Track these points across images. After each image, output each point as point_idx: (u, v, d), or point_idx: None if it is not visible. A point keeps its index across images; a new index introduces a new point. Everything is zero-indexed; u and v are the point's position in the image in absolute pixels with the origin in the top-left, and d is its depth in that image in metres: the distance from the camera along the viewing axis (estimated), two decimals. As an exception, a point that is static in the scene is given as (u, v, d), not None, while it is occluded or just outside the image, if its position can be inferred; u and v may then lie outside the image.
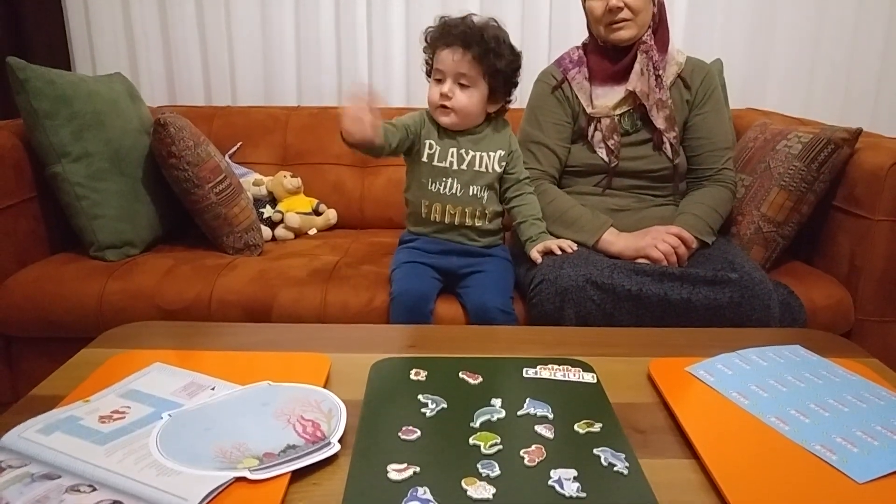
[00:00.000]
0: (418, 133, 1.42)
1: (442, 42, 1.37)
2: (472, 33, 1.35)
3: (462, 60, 1.34)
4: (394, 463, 0.65)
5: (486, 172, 1.43)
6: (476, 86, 1.37)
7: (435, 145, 1.42)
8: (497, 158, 1.43)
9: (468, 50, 1.34)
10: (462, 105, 1.37)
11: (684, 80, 1.49)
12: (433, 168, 1.42)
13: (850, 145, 1.48)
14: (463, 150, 1.42)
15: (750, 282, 1.24)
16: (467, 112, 1.39)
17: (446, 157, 1.41)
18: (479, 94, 1.38)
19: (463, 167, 1.42)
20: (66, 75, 1.59)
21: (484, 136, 1.44)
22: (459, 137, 1.42)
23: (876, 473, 0.67)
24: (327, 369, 0.87)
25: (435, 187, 1.42)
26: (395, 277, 1.39)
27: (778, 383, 0.85)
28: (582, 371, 0.87)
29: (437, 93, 1.38)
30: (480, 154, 1.42)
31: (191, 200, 1.62)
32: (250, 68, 2.27)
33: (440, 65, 1.37)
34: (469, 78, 1.36)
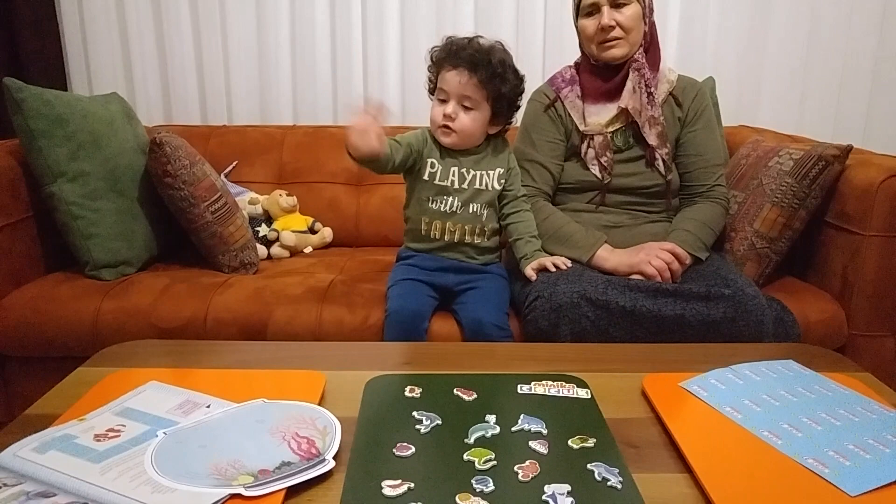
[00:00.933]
0: (420, 151, 1.43)
1: (448, 63, 1.38)
2: (479, 56, 1.36)
3: (468, 83, 1.36)
4: (388, 479, 0.65)
5: (486, 190, 1.44)
6: (479, 108, 1.39)
7: (437, 164, 1.43)
8: (496, 176, 1.45)
9: (474, 73, 1.35)
10: (464, 126, 1.39)
11: (676, 97, 1.51)
12: (434, 186, 1.43)
13: (840, 162, 1.50)
14: (464, 169, 1.43)
15: (743, 297, 1.25)
16: (469, 133, 1.40)
17: (448, 176, 1.43)
18: (481, 116, 1.40)
19: (464, 186, 1.43)
20: (63, 96, 1.60)
21: (484, 155, 1.45)
22: (461, 157, 1.44)
23: (868, 486, 0.67)
24: (322, 387, 0.87)
25: (435, 205, 1.43)
26: (391, 294, 1.40)
27: (771, 398, 0.86)
28: (576, 387, 0.88)
29: (440, 113, 1.39)
30: (481, 173, 1.44)
31: (186, 219, 1.63)
32: (246, 88, 2.29)
33: (445, 85, 1.38)
34: (473, 101, 1.38)
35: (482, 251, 1.48)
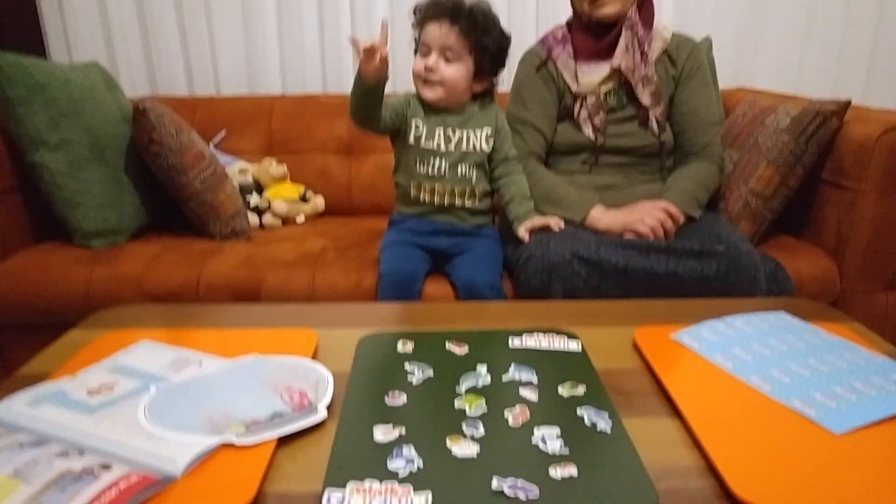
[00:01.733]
0: (404, 114, 1.41)
1: (430, 15, 1.36)
2: (460, 8, 1.35)
3: (449, 33, 1.34)
4: (379, 425, 0.66)
5: (473, 152, 1.43)
6: (462, 60, 1.37)
7: (422, 125, 1.41)
8: (484, 137, 1.43)
9: (455, 23, 1.34)
10: (447, 77, 1.37)
11: (670, 55, 1.49)
12: (420, 149, 1.42)
13: (838, 118, 1.49)
14: (450, 129, 1.42)
15: (737, 253, 1.25)
16: (452, 86, 1.38)
17: (433, 137, 1.41)
18: (464, 68, 1.38)
19: (451, 148, 1.42)
20: (40, 63, 1.57)
21: (470, 115, 1.44)
22: (446, 117, 1.42)
23: (852, 425, 0.68)
24: (314, 344, 0.87)
25: (423, 169, 1.42)
26: (384, 257, 1.39)
27: (761, 346, 0.86)
28: (567, 339, 0.88)
29: (421, 65, 1.37)
30: (467, 133, 1.42)
31: (175, 188, 1.62)
32: (233, 58, 2.25)
33: (426, 38, 1.37)
34: (455, 52, 1.36)
35: (474, 213, 1.47)
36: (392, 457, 0.60)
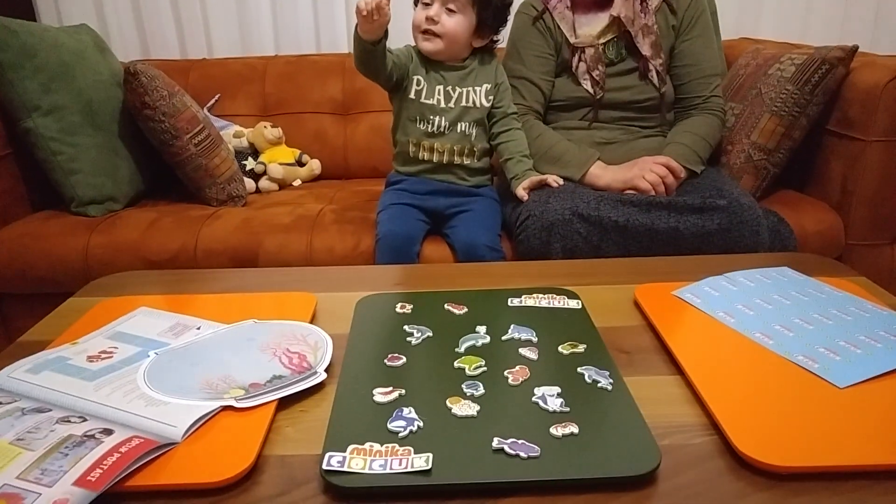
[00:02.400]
0: (406, 67, 1.38)
1: None
2: None
3: None
4: (379, 387, 0.65)
5: (473, 108, 1.40)
6: (464, 12, 1.34)
7: (423, 81, 1.39)
8: (484, 93, 1.40)
9: None
10: (449, 30, 1.33)
11: (670, 4, 1.45)
12: (420, 105, 1.39)
13: (844, 65, 1.45)
14: (450, 87, 1.39)
15: (738, 208, 1.24)
16: (453, 38, 1.35)
17: (433, 94, 1.39)
18: (466, 21, 1.35)
19: (451, 104, 1.39)
20: (29, 25, 1.54)
21: (470, 70, 1.41)
22: (445, 73, 1.39)
23: (856, 378, 0.67)
24: (313, 307, 0.87)
25: (423, 125, 1.40)
26: (381, 219, 1.38)
27: (764, 302, 0.85)
28: (567, 298, 0.87)
29: (422, 16, 1.34)
30: (467, 90, 1.40)
31: (170, 153, 1.60)
32: (224, 18, 2.20)
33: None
34: (459, 3, 1.32)
35: (473, 172, 1.45)
36: (392, 418, 0.60)
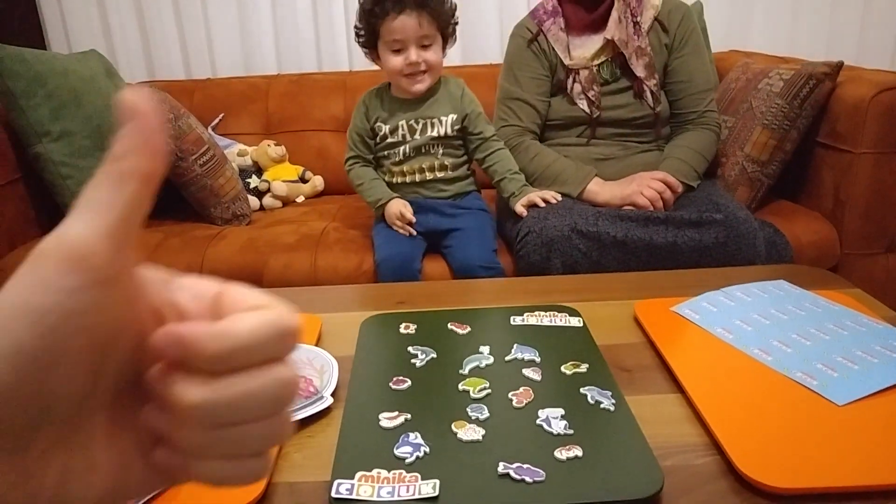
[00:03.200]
0: (370, 128, 1.44)
1: (392, 10, 1.32)
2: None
3: (422, 23, 1.33)
4: (385, 411, 0.66)
5: (438, 137, 1.43)
6: (436, 41, 1.38)
7: (384, 127, 1.43)
8: (450, 122, 1.43)
9: (423, 10, 1.32)
10: (434, 63, 1.38)
11: (661, 23, 1.47)
12: (386, 145, 1.45)
13: (831, 79, 1.48)
14: (413, 119, 1.42)
15: (735, 221, 1.26)
16: (439, 68, 1.40)
17: (397, 131, 1.43)
18: (439, 46, 1.39)
19: (416, 136, 1.43)
20: (40, 54, 1.57)
21: (434, 100, 1.43)
22: (409, 107, 1.42)
23: (855, 395, 0.68)
24: (318, 328, 0.88)
25: (389, 157, 1.46)
26: (378, 243, 1.40)
27: (761, 317, 0.87)
28: (568, 316, 0.88)
29: (401, 62, 1.36)
30: (432, 120, 1.42)
31: (175, 174, 1.62)
32: (228, 39, 2.24)
33: (398, 35, 1.34)
34: (430, 36, 1.36)
35: (449, 182, 1.47)
36: (399, 443, 0.61)
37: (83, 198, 0.22)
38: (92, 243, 0.21)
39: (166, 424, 0.24)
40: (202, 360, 0.23)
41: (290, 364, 0.25)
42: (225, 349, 0.23)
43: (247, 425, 0.24)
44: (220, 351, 0.23)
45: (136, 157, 0.23)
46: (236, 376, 0.24)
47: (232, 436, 0.24)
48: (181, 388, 0.23)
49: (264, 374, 0.24)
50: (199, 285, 0.26)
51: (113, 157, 0.23)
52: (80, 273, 0.21)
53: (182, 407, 0.23)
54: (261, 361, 0.24)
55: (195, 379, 0.23)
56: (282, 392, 0.25)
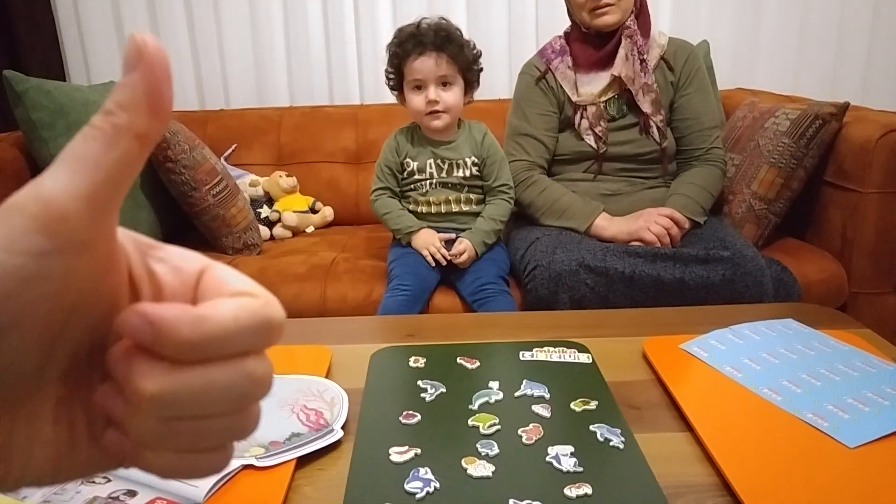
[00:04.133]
0: (399, 161, 1.49)
1: (414, 51, 1.39)
2: (441, 35, 1.39)
3: (440, 62, 1.39)
4: (395, 446, 0.67)
5: (461, 177, 1.48)
6: (456, 82, 1.42)
7: (412, 163, 1.48)
8: (470, 163, 1.48)
9: (443, 52, 1.38)
10: (451, 103, 1.42)
11: (667, 61, 1.50)
12: (414, 180, 1.50)
13: (837, 120, 1.50)
14: (440, 159, 1.47)
15: (742, 259, 1.26)
16: (456, 109, 1.44)
17: (426, 168, 1.48)
18: (459, 89, 1.43)
19: (442, 174, 1.48)
20: (62, 86, 1.61)
21: (458, 143, 1.48)
22: (435, 149, 1.47)
23: (866, 438, 0.68)
24: (329, 360, 0.88)
25: (415, 190, 1.50)
26: (395, 273, 1.41)
27: (770, 356, 0.87)
28: (577, 352, 0.89)
29: (422, 101, 1.41)
30: (457, 161, 1.48)
31: (189, 203, 1.64)
32: (242, 71, 2.29)
33: (417, 74, 1.40)
34: (449, 76, 1.40)
35: (474, 215, 1.50)
36: (409, 478, 0.61)
37: (67, 150, 0.20)
38: (69, 203, 0.19)
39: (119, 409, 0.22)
40: (171, 346, 0.21)
41: (264, 358, 0.23)
42: (198, 337, 0.21)
43: (207, 419, 0.22)
44: (193, 338, 0.21)
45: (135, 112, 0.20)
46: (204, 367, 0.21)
47: (190, 429, 0.22)
48: (140, 374, 0.21)
49: (235, 367, 0.22)
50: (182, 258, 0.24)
51: (107, 108, 0.20)
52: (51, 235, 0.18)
53: (138, 396, 0.21)
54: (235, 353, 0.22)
55: (158, 365, 0.21)
56: (251, 388, 0.23)
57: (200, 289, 0.23)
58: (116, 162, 0.20)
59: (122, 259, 0.22)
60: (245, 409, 0.23)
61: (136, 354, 0.21)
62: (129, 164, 0.20)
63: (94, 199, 0.19)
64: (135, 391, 0.21)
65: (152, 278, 0.23)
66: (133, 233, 0.24)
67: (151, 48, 0.20)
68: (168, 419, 0.22)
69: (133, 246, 0.23)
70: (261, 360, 0.23)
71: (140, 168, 0.21)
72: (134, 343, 0.21)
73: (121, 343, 0.22)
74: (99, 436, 0.23)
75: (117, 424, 0.22)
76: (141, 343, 0.21)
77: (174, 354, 0.21)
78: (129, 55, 0.20)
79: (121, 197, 0.21)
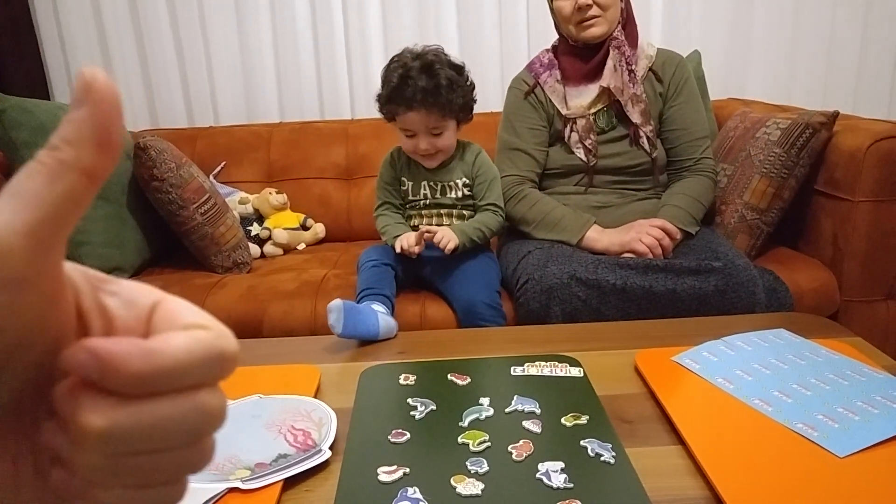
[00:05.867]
0: (396, 177, 1.51)
1: (403, 106, 1.37)
2: (429, 91, 1.34)
3: (429, 118, 1.37)
4: (384, 465, 0.66)
5: (453, 198, 1.49)
6: (448, 126, 1.42)
7: (407, 182, 1.50)
8: (462, 185, 1.48)
9: (433, 108, 1.36)
10: (445, 147, 1.43)
11: (655, 73, 1.50)
12: (408, 200, 1.51)
13: (827, 129, 1.50)
14: (433, 182, 1.48)
15: (734, 269, 1.26)
16: (451, 147, 1.45)
17: (419, 190, 1.49)
18: (451, 130, 1.43)
19: (435, 195, 1.49)
20: (43, 104, 1.60)
21: (452, 166, 1.49)
22: (429, 172, 1.48)
23: (856, 447, 0.68)
24: (317, 380, 0.88)
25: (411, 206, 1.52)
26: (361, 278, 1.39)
27: (762, 367, 0.86)
28: (569, 366, 0.88)
29: (413, 146, 1.42)
30: (449, 183, 1.48)
31: (176, 222, 1.63)
32: (231, 88, 2.28)
33: (409, 125, 1.40)
34: (439, 126, 1.40)
35: None
36: (397, 498, 0.60)
37: (10, 185, 0.19)
38: (10, 239, 0.18)
39: (66, 446, 0.21)
40: (120, 381, 0.20)
41: (217, 391, 0.23)
42: (148, 371, 0.20)
43: (159, 454, 0.22)
44: (143, 372, 0.20)
45: (81, 147, 0.20)
46: (154, 401, 0.21)
47: (140, 464, 0.21)
48: (86, 410, 0.20)
49: (187, 400, 0.22)
50: (134, 292, 0.24)
51: (52, 143, 0.20)
52: None
53: (84, 432, 0.20)
54: (187, 386, 0.22)
55: (105, 401, 0.20)
56: (204, 422, 0.22)
57: (153, 322, 0.23)
58: (60, 197, 0.20)
59: (69, 294, 0.22)
60: (198, 443, 0.23)
61: (82, 390, 0.21)
62: (74, 199, 0.20)
63: (36, 235, 0.19)
64: (80, 428, 0.20)
65: (104, 313, 0.23)
66: (84, 267, 0.23)
67: (101, 83, 0.20)
68: (117, 455, 0.21)
69: (83, 280, 0.23)
70: (214, 392, 0.23)
71: (88, 204, 0.21)
72: (81, 378, 0.21)
73: (68, 379, 0.21)
74: (45, 473, 0.22)
75: (64, 462, 0.22)
76: (88, 378, 0.20)
77: (123, 389, 0.21)
78: (78, 90, 0.20)
79: (66, 232, 0.20)
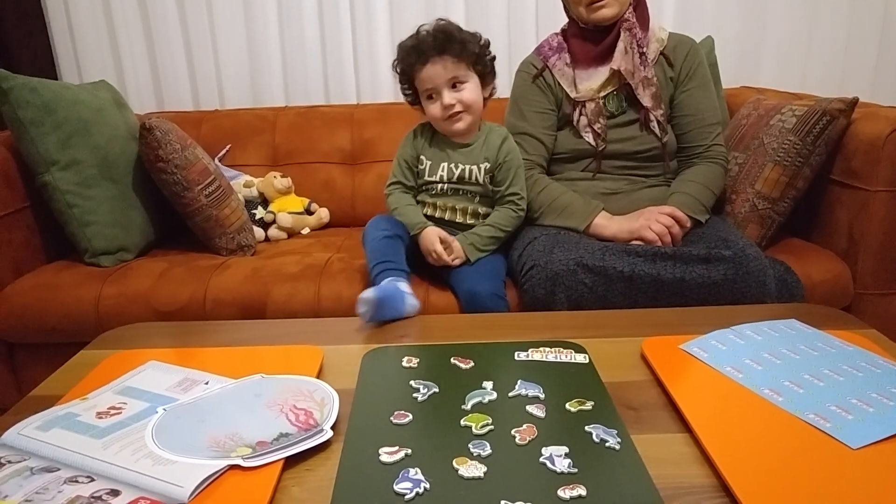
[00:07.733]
0: (416, 154, 1.46)
1: (418, 63, 1.36)
2: (440, 38, 1.35)
3: (446, 65, 1.35)
4: (385, 446, 0.65)
5: (473, 183, 1.44)
6: (469, 78, 1.39)
7: (426, 161, 1.45)
8: (484, 171, 1.43)
9: (445, 53, 1.34)
10: (470, 100, 1.38)
11: (667, 57, 1.48)
12: (425, 180, 1.46)
13: (846, 116, 1.47)
14: (453, 164, 1.43)
15: (744, 258, 1.23)
16: (477, 105, 1.40)
17: (437, 171, 1.44)
18: (474, 84, 1.40)
19: (454, 179, 1.44)
20: (50, 84, 1.59)
21: (474, 147, 1.44)
22: (452, 152, 1.44)
23: (870, 439, 0.66)
24: (320, 361, 0.87)
25: (425, 192, 1.47)
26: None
27: (772, 356, 0.85)
28: (574, 352, 0.87)
29: (438, 108, 1.38)
30: (470, 167, 1.43)
31: (181, 204, 1.62)
32: (236, 71, 2.26)
33: (428, 83, 1.37)
34: (460, 75, 1.37)
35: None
36: (399, 479, 0.59)
37: None
38: None
39: None
40: None
41: None
42: None
43: None
44: None
45: None
46: None
47: None
48: None
49: None
50: None
51: None
52: None
53: None
54: None
55: None
56: None
57: None
58: None
59: None
60: None
61: None
62: None
63: None
64: None
65: None
66: None
67: None
68: None
69: None
70: None
71: None
72: None
73: None
74: None
75: None
76: None
77: None
78: None
79: None
